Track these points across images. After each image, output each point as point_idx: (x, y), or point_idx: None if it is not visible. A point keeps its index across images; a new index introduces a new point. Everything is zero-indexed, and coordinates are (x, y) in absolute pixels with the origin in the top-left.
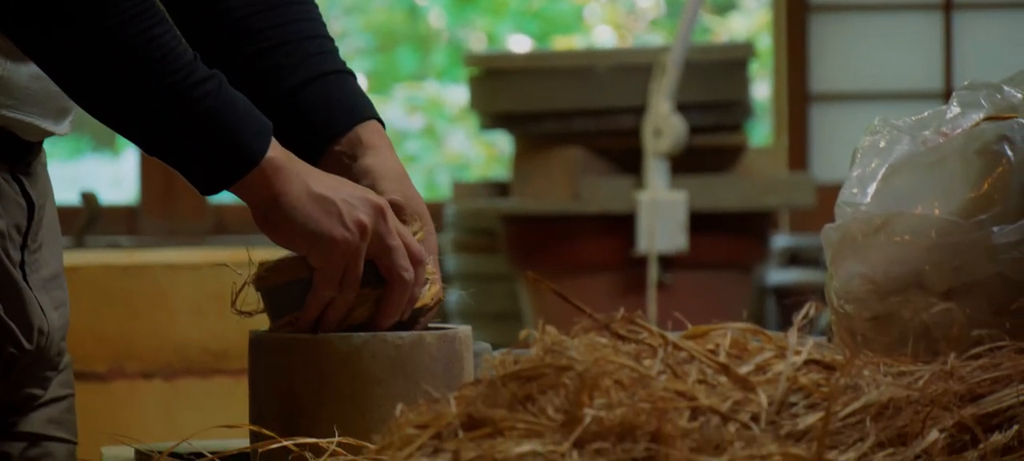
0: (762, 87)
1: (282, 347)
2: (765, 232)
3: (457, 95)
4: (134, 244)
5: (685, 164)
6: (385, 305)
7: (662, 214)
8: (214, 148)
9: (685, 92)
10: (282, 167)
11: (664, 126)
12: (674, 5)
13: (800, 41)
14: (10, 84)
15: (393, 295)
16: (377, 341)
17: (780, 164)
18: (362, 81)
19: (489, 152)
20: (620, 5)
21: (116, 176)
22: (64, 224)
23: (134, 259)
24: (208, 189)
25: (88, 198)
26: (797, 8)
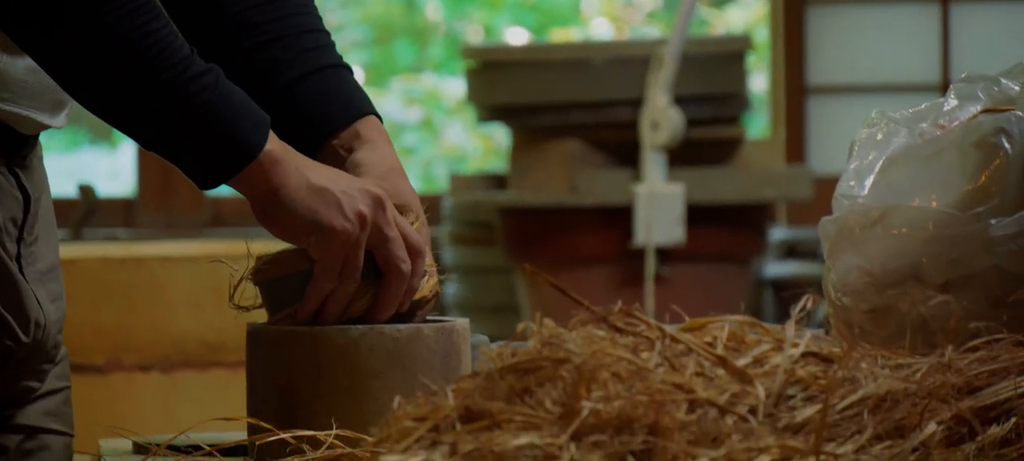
0: (759, 79)
1: (280, 340)
2: (762, 225)
3: (454, 88)
4: (131, 237)
5: (682, 157)
6: (383, 297)
7: (659, 207)
8: (212, 142)
9: (682, 85)
10: (280, 160)
11: (661, 119)
12: None
13: (797, 33)
14: (6, 77)
15: (391, 287)
16: (375, 334)
17: (777, 157)
18: (359, 74)
19: (486, 144)
20: None
21: (113, 169)
22: (61, 217)
23: (131, 252)
24: (206, 183)
25: (85, 191)
26: (794, 0)
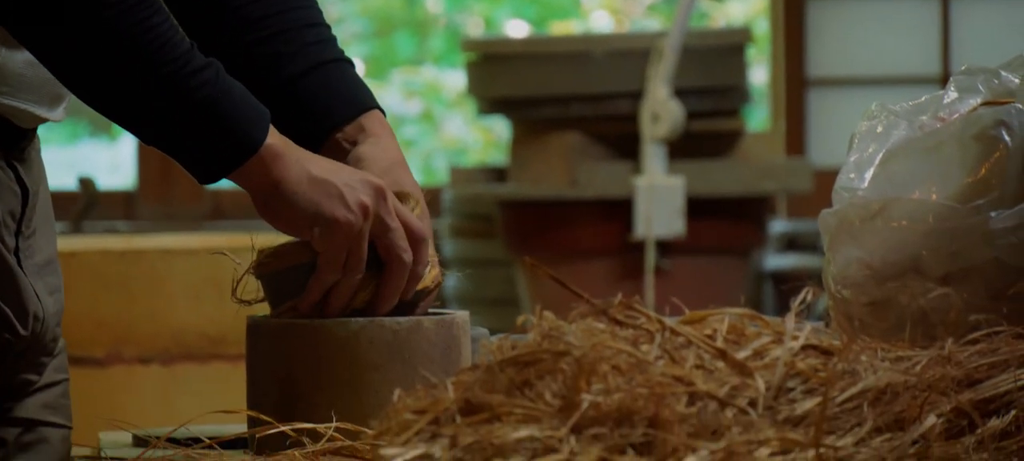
0: (760, 72)
1: (280, 332)
2: (762, 217)
3: (455, 80)
4: (131, 229)
5: (682, 149)
6: (385, 287)
7: (659, 199)
8: (212, 137)
9: (682, 77)
10: (281, 154)
11: (661, 111)
12: None
13: (797, 26)
14: (4, 71)
15: (393, 277)
16: (375, 326)
17: (777, 149)
18: (359, 67)
19: (487, 137)
20: None
21: (113, 161)
22: (62, 209)
23: (131, 244)
24: (207, 178)
25: (85, 183)
26: None
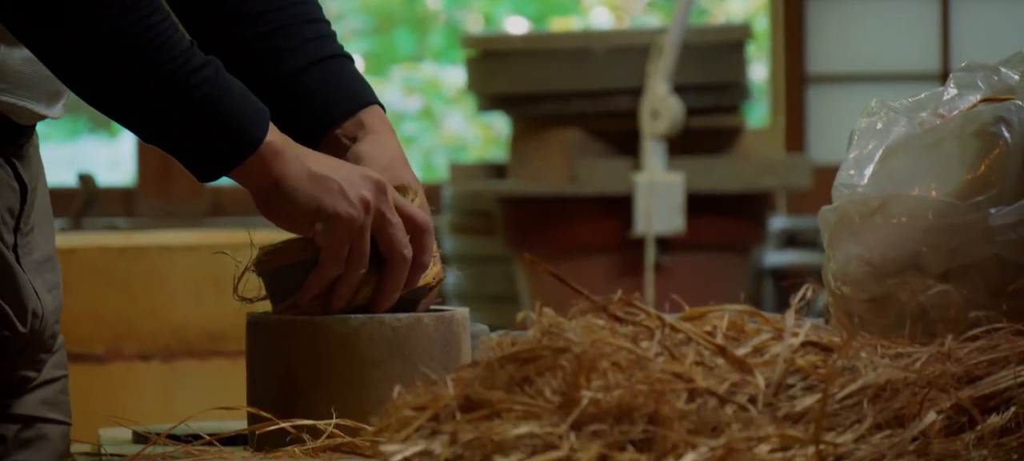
0: (759, 68)
1: (280, 329)
2: (762, 214)
3: (454, 77)
4: (131, 226)
5: (682, 146)
6: (386, 283)
7: (659, 196)
8: (212, 135)
9: (682, 74)
10: (281, 151)
11: (661, 108)
12: None
13: (797, 22)
14: (3, 68)
15: (394, 273)
16: (375, 323)
17: (777, 145)
18: (359, 63)
19: (486, 134)
20: None
21: (113, 158)
22: (62, 206)
23: (131, 241)
24: (206, 176)
25: (85, 180)
26: None
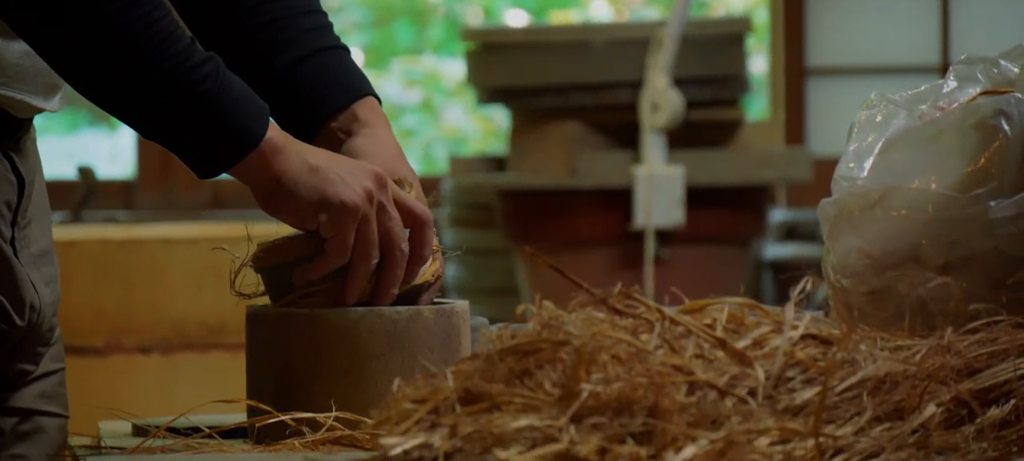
0: (759, 61)
1: (280, 322)
2: (762, 206)
3: (454, 69)
4: (131, 219)
5: (682, 138)
6: (383, 277)
7: (659, 188)
8: (212, 132)
9: (682, 66)
10: (281, 148)
11: (661, 100)
12: None
13: (797, 15)
14: (0, 62)
15: (391, 268)
16: (374, 316)
17: (777, 138)
18: (358, 56)
19: (486, 126)
20: None
21: (113, 151)
22: (61, 199)
23: (131, 234)
24: (207, 173)
25: (85, 173)
26: None
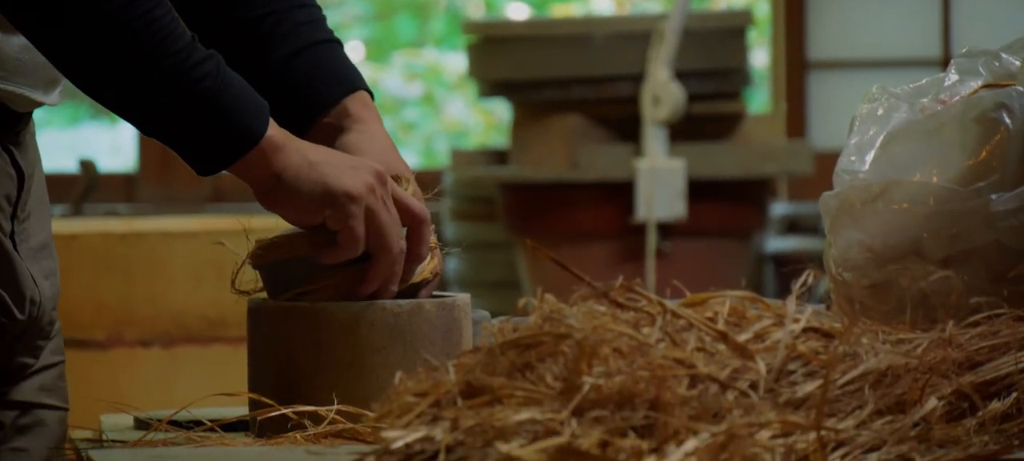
0: (760, 54)
1: (281, 315)
2: (763, 200)
3: (456, 63)
4: (132, 212)
5: (683, 132)
6: (370, 272)
7: (660, 182)
8: (213, 129)
9: (683, 60)
10: (281, 145)
11: (662, 94)
12: None
13: (798, 8)
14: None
15: (378, 265)
16: (376, 309)
17: (778, 131)
18: (360, 49)
19: (488, 120)
20: None
21: (114, 144)
22: (62, 192)
23: (132, 227)
24: (207, 170)
25: (86, 166)
26: None
